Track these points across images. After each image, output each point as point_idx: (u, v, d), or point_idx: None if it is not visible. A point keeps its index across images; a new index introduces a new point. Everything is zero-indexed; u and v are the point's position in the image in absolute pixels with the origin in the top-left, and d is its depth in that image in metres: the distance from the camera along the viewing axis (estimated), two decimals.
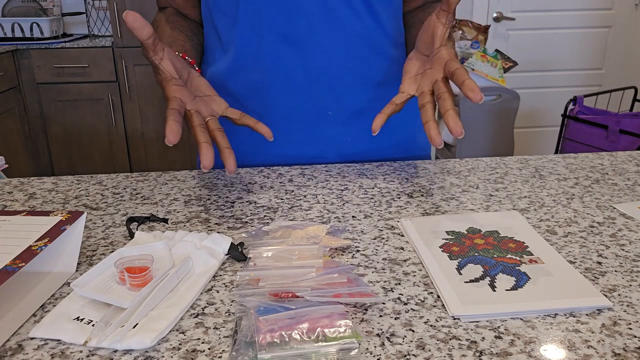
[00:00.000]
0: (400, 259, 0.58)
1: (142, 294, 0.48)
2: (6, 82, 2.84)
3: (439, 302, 0.50)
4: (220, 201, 0.75)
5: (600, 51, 3.38)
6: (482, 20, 3.22)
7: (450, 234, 0.63)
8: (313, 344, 0.43)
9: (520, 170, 0.85)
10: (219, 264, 0.56)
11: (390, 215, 0.69)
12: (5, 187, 0.81)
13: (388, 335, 0.45)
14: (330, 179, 0.82)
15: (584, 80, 3.43)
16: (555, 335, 0.45)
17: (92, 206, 0.74)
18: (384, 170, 0.86)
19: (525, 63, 3.28)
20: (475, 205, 0.72)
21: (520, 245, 0.60)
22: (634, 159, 0.91)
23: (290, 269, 0.53)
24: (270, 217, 0.69)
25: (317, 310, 0.46)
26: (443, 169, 0.86)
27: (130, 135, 3.12)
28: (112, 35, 3.02)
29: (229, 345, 0.44)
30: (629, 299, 0.50)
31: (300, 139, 0.88)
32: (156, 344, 0.45)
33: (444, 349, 0.43)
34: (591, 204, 0.72)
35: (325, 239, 0.60)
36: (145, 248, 0.55)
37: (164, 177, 0.84)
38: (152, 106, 3.07)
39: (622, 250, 0.59)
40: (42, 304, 0.50)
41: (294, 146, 0.89)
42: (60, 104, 3.04)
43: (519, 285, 0.52)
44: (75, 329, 0.46)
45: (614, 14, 3.31)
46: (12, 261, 0.50)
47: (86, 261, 0.59)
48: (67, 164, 3.17)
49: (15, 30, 3.04)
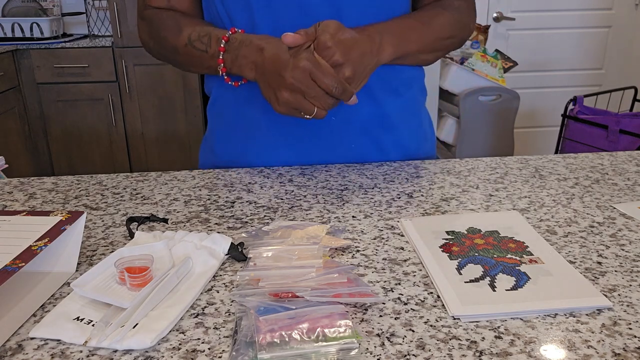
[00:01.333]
0: (400, 259, 0.58)
1: (142, 294, 0.48)
2: (6, 82, 2.84)
3: (439, 302, 0.50)
4: (220, 201, 0.75)
5: (600, 51, 3.38)
6: (482, 20, 3.22)
7: (450, 234, 0.63)
8: (313, 344, 0.43)
9: (520, 170, 0.85)
10: (219, 264, 0.56)
11: (390, 215, 0.69)
12: (5, 187, 0.81)
13: (388, 335, 0.45)
14: (330, 179, 0.82)
15: (584, 80, 3.43)
16: (555, 335, 0.45)
17: (92, 206, 0.74)
18: (384, 170, 0.86)
19: (525, 63, 3.28)
20: (475, 205, 0.72)
21: (520, 245, 0.60)
22: (634, 159, 0.91)
23: (290, 269, 0.53)
24: (270, 217, 0.69)
25: (317, 310, 0.46)
26: (443, 169, 0.86)
27: (130, 135, 3.12)
28: (112, 35, 3.02)
29: (229, 345, 0.44)
30: (629, 299, 0.50)
31: (304, 145, 0.88)
32: (156, 344, 0.45)
33: (444, 349, 0.43)
34: (591, 204, 0.72)
35: (325, 239, 0.60)
36: (145, 248, 0.55)
37: (164, 177, 0.84)
38: (152, 106, 3.07)
39: (622, 250, 0.59)
40: (42, 304, 0.50)
41: (297, 152, 0.88)
42: (60, 104, 3.04)
43: (519, 285, 0.52)
44: (75, 329, 0.46)
45: (614, 14, 3.31)
46: (12, 261, 0.50)
47: (86, 261, 0.59)
48: (67, 164, 3.17)
49: (15, 30, 3.04)
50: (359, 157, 0.90)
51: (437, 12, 0.87)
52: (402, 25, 0.82)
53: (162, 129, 3.11)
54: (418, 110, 0.96)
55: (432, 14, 0.86)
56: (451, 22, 0.87)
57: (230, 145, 0.91)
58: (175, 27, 0.84)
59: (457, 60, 2.85)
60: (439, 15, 0.86)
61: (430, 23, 0.85)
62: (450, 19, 0.87)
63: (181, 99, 3.06)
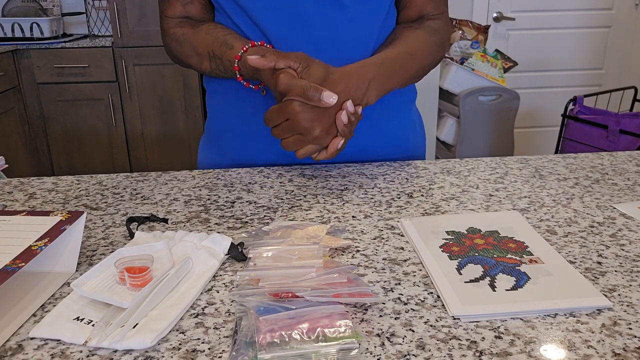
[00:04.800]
0: (400, 259, 0.58)
1: (142, 294, 0.48)
2: (6, 82, 2.84)
3: (439, 302, 0.50)
4: (220, 201, 0.75)
5: (600, 51, 3.38)
6: (482, 20, 3.22)
7: (450, 234, 0.63)
8: (313, 344, 0.43)
9: (520, 170, 0.85)
10: (219, 264, 0.56)
11: (390, 215, 0.69)
12: (5, 187, 0.81)
13: (388, 335, 0.45)
14: (330, 179, 0.82)
15: (584, 80, 3.43)
16: (555, 335, 0.45)
17: (92, 206, 0.74)
18: (384, 170, 0.86)
19: (525, 63, 3.28)
20: (475, 205, 0.72)
21: (520, 245, 0.60)
22: (634, 159, 0.91)
23: (290, 269, 0.53)
24: (270, 217, 0.69)
25: (317, 310, 0.46)
26: (443, 169, 0.86)
27: (130, 135, 3.12)
28: (112, 35, 3.02)
29: (229, 345, 0.44)
30: (629, 299, 0.50)
31: None
32: (156, 344, 0.45)
33: (444, 349, 0.43)
34: (591, 204, 0.72)
35: (325, 239, 0.60)
36: (145, 248, 0.55)
37: (164, 177, 0.84)
38: (152, 106, 3.07)
39: (622, 250, 0.59)
40: (42, 304, 0.50)
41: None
42: (60, 104, 3.04)
43: (519, 285, 0.52)
44: (75, 329, 0.46)
45: (614, 14, 3.31)
46: (12, 261, 0.50)
47: (86, 261, 0.59)
48: (67, 164, 3.17)
49: (15, 30, 3.04)
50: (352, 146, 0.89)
51: (421, 39, 0.88)
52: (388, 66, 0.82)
53: (162, 129, 3.11)
54: (409, 103, 0.98)
55: (416, 45, 0.87)
56: (432, 48, 0.89)
57: (228, 134, 0.93)
58: (195, 55, 0.87)
59: (457, 60, 2.85)
60: (423, 44, 0.88)
61: (415, 55, 0.86)
62: (432, 45, 0.89)
63: (181, 99, 3.06)
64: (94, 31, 3.44)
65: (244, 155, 0.92)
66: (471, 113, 2.76)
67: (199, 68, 0.88)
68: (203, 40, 0.85)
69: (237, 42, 0.82)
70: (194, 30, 0.87)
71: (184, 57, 0.89)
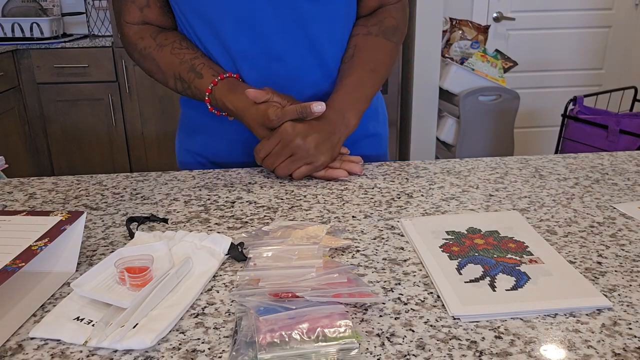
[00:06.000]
0: (400, 259, 0.58)
1: (142, 294, 0.48)
2: (6, 82, 2.83)
3: (439, 302, 0.50)
4: (220, 201, 0.75)
5: (600, 51, 3.38)
6: (482, 20, 3.22)
7: (450, 234, 0.63)
8: (313, 344, 0.43)
9: (520, 170, 0.85)
10: (219, 264, 0.56)
11: (390, 215, 0.69)
12: (5, 187, 0.81)
13: (388, 335, 0.45)
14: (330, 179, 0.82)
15: (584, 80, 3.43)
16: (555, 335, 0.45)
17: (92, 206, 0.74)
18: (384, 170, 0.86)
19: (525, 63, 3.28)
20: (475, 205, 0.72)
21: (520, 245, 0.60)
22: (634, 159, 0.91)
23: (290, 269, 0.53)
24: (270, 217, 0.69)
25: (317, 310, 0.46)
26: (443, 169, 0.86)
27: (130, 135, 3.12)
28: (112, 35, 3.02)
29: (229, 345, 0.44)
30: (629, 299, 0.50)
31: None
32: (156, 344, 0.45)
33: (444, 349, 0.43)
34: (591, 204, 0.72)
35: (325, 239, 0.60)
36: (145, 248, 0.55)
37: (164, 177, 0.84)
38: (152, 106, 3.07)
39: (622, 250, 0.59)
40: (42, 304, 0.50)
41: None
42: (60, 104, 3.04)
43: (519, 285, 0.52)
44: (75, 329, 0.46)
45: (614, 14, 3.31)
46: (12, 261, 0.50)
47: (86, 261, 0.59)
48: (67, 164, 3.17)
49: (15, 30, 3.04)
50: None
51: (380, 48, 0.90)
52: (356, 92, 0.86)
53: (162, 129, 3.11)
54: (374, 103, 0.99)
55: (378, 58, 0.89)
56: (392, 53, 0.92)
57: (200, 136, 0.95)
58: (159, 72, 0.89)
59: (457, 60, 2.85)
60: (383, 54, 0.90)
61: (378, 71, 0.89)
62: (392, 50, 0.92)
63: None
64: (94, 31, 3.44)
65: (216, 155, 0.93)
66: (471, 113, 2.76)
67: (163, 83, 0.90)
68: (168, 61, 0.86)
69: (206, 71, 0.84)
70: (157, 46, 0.87)
71: (147, 70, 0.90)
